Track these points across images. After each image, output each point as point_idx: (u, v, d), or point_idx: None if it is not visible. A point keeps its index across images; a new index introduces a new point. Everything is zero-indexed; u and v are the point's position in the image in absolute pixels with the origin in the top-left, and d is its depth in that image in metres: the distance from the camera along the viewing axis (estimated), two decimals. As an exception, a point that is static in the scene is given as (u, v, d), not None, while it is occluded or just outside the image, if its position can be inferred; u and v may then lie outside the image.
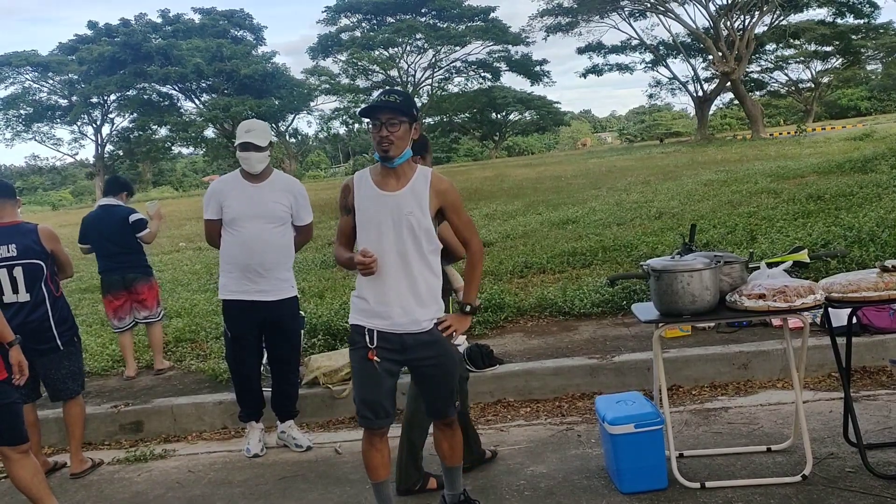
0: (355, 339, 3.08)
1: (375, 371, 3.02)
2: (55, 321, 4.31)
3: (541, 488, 3.60)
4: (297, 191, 4.45)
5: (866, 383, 4.47)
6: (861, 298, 3.26)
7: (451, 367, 3.16)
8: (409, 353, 3.05)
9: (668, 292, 3.35)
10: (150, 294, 6.01)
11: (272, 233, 4.29)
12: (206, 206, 4.35)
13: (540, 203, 14.19)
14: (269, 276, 4.29)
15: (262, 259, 4.25)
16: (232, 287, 4.30)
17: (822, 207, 8.90)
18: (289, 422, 4.61)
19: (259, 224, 4.25)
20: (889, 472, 3.31)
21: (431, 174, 3.10)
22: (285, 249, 4.38)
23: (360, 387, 3.09)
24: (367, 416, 3.08)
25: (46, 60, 45.37)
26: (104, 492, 4.23)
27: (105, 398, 5.45)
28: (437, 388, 3.14)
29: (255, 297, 4.28)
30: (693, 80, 41.85)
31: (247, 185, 4.31)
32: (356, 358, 3.08)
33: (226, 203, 4.27)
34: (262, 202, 4.28)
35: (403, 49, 48.87)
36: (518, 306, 6.43)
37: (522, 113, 57.85)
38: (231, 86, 46.03)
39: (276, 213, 4.31)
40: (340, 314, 6.30)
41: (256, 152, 4.25)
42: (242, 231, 4.24)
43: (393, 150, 2.96)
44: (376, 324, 3.03)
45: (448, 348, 3.13)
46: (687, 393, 4.72)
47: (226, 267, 4.34)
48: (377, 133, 2.96)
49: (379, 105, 2.97)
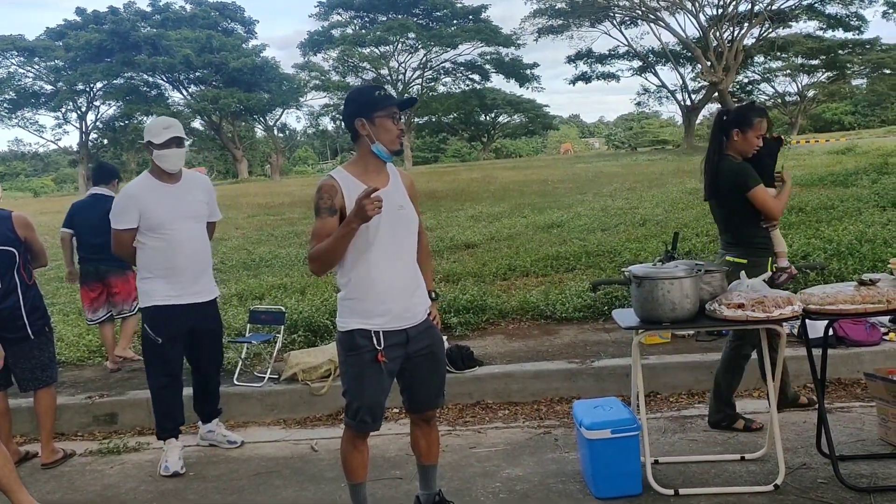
0: (359, 344, 2.96)
1: (381, 373, 2.98)
2: (26, 310, 4.26)
3: (516, 491, 3.60)
4: (209, 187, 4.40)
5: (841, 395, 4.51)
6: (838, 311, 3.29)
7: (443, 353, 3.22)
8: (411, 345, 3.04)
9: (648, 299, 3.36)
10: (125, 288, 5.91)
11: (199, 233, 4.24)
12: (122, 215, 4.09)
13: (526, 206, 14.22)
14: (202, 278, 4.23)
15: (194, 260, 4.17)
16: (164, 292, 4.11)
17: (803, 219, 8.99)
18: (215, 420, 4.54)
19: (187, 225, 4.15)
20: (860, 484, 3.33)
21: (396, 169, 3.16)
22: (209, 248, 4.33)
23: (362, 391, 3.00)
24: (366, 421, 3.02)
25: (33, 45, 44.94)
26: (75, 483, 4.19)
27: (80, 389, 5.40)
28: (432, 376, 3.13)
29: (189, 301, 4.16)
30: (681, 89, 42.17)
31: (165, 187, 4.14)
32: (359, 363, 2.98)
33: (146, 208, 4.07)
34: (184, 202, 4.16)
35: (395, 48, 48.83)
36: (500, 308, 6.43)
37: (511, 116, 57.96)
38: (220, 78, 45.77)
39: (200, 211, 4.25)
40: (322, 311, 6.28)
41: (179, 148, 4.12)
42: (170, 234, 4.08)
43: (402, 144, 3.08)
44: (381, 323, 2.97)
45: (439, 334, 3.19)
46: (665, 400, 4.74)
47: (151, 273, 4.13)
48: (396, 126, 2.98)
49: (395, 100, 3.00)
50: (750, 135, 3.94)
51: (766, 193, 3.92)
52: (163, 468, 4.17)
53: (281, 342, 5.61)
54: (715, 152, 4.05)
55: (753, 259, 3.94)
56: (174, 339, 4.19)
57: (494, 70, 50.81)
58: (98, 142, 49.10)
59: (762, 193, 3.91)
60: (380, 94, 2.98)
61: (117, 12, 45.70)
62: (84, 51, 42.99)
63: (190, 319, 4.19)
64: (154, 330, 4.16)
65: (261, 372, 5.30)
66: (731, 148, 4.00)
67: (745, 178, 3.92)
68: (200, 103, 44.91)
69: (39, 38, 46.09)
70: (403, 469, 3.93)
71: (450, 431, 4.48)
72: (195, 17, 47.90)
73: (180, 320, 4.16)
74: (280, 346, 5.56)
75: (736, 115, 4.03)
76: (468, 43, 48.75)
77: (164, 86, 48.03)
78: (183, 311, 4.15)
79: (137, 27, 44.64)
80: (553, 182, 20.37)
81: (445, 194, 18.68)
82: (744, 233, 4.02)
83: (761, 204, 3.92)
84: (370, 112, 2.94)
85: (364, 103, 2.97)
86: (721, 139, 4.03)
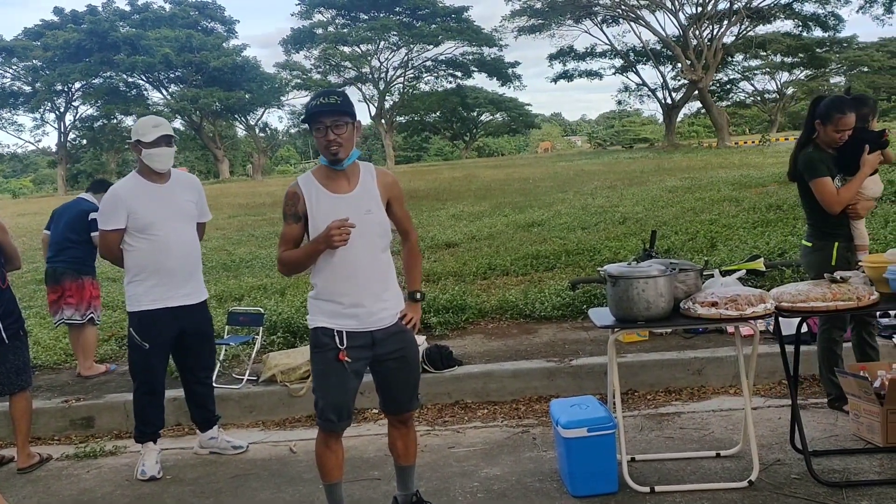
0: (322, 342, 3.01)
1: (345, 372, 3.00)
2: (0, 314, 4.21)
3: (494, 490, 3.61)
4: (198, 187, 4.33)
5: (815, 391, 4.56)
6: (809, 308, 3.33)
7: (415, 357, 3.21)
8: (378, 348, 3.04)
9: (623, 298, 3.38)
10: (78, 293, 5.68)
11: (189, 233, 4.16)
12: (110, 215, 4.01)
13: (507, 205, 14.25)
14: (192, 279, 4.16)
15: (185, 261, 4.10)
16: (153, 295, 4.03)
17: (780, 217, 9.08)
18: (215, 427, 4.47)
19: (177, 225, 4.08)
20: (833, 479, 3.38)
21: (375, 169, 3.13)
22: (199, 249, 4.26)
23: (326, 389, 3.03)
24: (331, 420, 3.04)
25: (11, 45, 44.46)
26: (51, 488, 4.15)
27: (56, 392, 5.35)
28: (403, 379, 3.14)
29: (180, 303, 4.08)
30: (662, 87, 42.42)
31: (154, 187, 4.07)
32: (323, 360, 3.02)
33: (134, 209, 3.99)
34: (174, 202, 4.09)
35: (377, 46, 48.74)
36: (480, 308, 6.44)
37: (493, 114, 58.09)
38: (200, 77, 45.48)
39: (189, 211, 4.18)
40: (301, 312, 6.26)
41: (168, 147, 4.05)
42: (159, 235, 4.01)
43: (342, 153, 2.95)
44: (345, 324, 2.99)
45: (412, 338, 3.17)
46: (642, 397, 4.77)
47: (139, 276, 4.04)
48: (323, 137, 2.92)
49: (322, 109, 2.92)
50: (829, 128, 4.01)
51: (824, 186, 3.99)
52: (139, 472, 4.13)
53: (259, 343, 5.59)
54: (802, 139, 4.21)
55: (819, 243, 4.12)
56: (161, 344, 4.12)
57: (476, 69, 50.87)
58: (77, 142, 48.69)
59: (821, 186, 3.99)
60: (312, 104, 2.95)
61: (96, 12, 45.31)
62: (62, 50, 42.58)
63: (179, 322, 4.12)
64: (141, 335, 4.08)
65: (239, 373, 5.27)
66: (819, 137, 4.09)
67: (810, 169, 4.03)
68: (180, 103, 44.62)
69: (17, 38, 45.55)
70: (382, 470, 3.93)
71: (429, 431, 4.48)
72: (175, 16, 47.56)
73: (169, 324, 4.09)
74: (259, 347, 5.54)
75: (821, 106, 4.06)
76: (450, 42, 48.80)
77: (144, 85, 47.77)
78: (172, 314, 4.08)
79: (116, 27, 44.28)
80: (534, 180, 20.44)
81: (427, 193, 18.69)
82: (815, 217, 4.15)
83: (819, 196, 4.01)
84: (309, 124, 2.96)
85: (305, 116, 2.99)
86: (811, 127, 4.13)
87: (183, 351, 4.27)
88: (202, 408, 4.41)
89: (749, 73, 50.63)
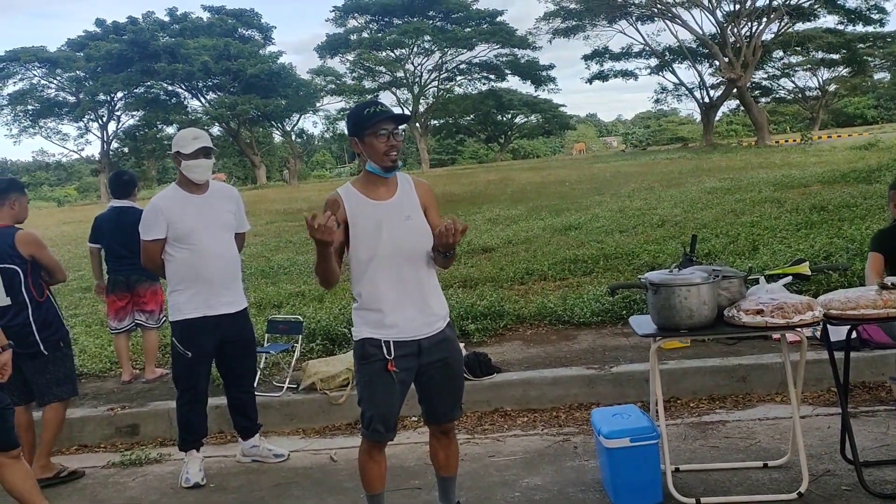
0: (369, 353, 3.00)
1: (392, 383, 3.00)
2: (37, 326, 4.27)
3: (535, 500, 3.58)
4: (237, 197, 4.39)
5: (865, 399, 4.44)
6: (860, 316, 3.24)
7: (459, 365, 3.20)
8: (424, 357, 3.04)
9: (665, 306, 3.33)
10: (153, 298, 5.96)
11: (228, 243, 4.24)
12: (151, 226, 4.12)
13: (543, 208, 14.17)
14: (232, 288, 4.23)
15: (224, 271, 4.17)
16: (194, 304, 4.11)
17: (825, 218, 8.86)
18: (257, 435, 4.51)
19: (216, 235, 4.16)
20: (885, 490, 3.28)
21: (410, 177, 3.16)
22: (238, 258, 4.34)
23: (374, 401, 3.03)
24: (379, 430, 3.04)
25: (55, 56, 45.57)
26: (97, 496, 4.22)
27: (102, 400, 5.45)
28: (447, 388, 3.13)
29: (220, 311, 4.15)
30: (699, 86, 41.82)
31: (192, 198, 4.16)
32: (370, 372, 3.01)
33: (174, 219, 4.09)
34: (212, 213, 4.18)
35: (410, 50, 48.94)
36: (518, 314, 6.41)
37: (528, 116, 57.86)
38: (237, 85, 46.14)
39: (228, 221, 4.26)
40: (340, 319, 6.29)
41: (207, 159, 4.15)
42: (199, 245, 4.09)
43: (399, 159, 3.03)
44: (392, 334, 2.99)
45: (457, 345, 3.17)
46: (685, 405, 4.69)
47: (180, 285, 4.14)
48: (385, 143, 2.96)
49: (388, 115, 2.97)
50: None
51: None
52: (184, 480, 4.19)
53: (299, 351, 5.63)
54: None
55: None
56: (203, 353, 4.19)
57: (510, 72, 50.77)
58: (119, 151, 49.70)
59: None
60: (369, 111, 2.98)
61: (136, 22, 46.20)
62: (104, 61, 43.51)
63: (220, 331, 4.19)
64: (183, 344, 4.16)
65: (279, 381, 5.32)
66: None
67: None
68: (218, 110, 45.28)
69: (61, 49, 46.72)
70: (422, 479, 3.92)
71: (468, 440, 4.46)
72: (213, 25, 48.34)
73: (211, 333, 4.17)
74: (298, 355, 5.58)
75: None
76: (484, 44, 48.80)
77: (183, 94, 48.54)
78: (214, 322, 4.15)
79: (156, 37, 45.10)
80: (571, 183, 20.30)
81: (463, 197, 18.67)
82: None
83: None
84: (361, 131, 2.98)
85: (355, 123, 3.01)
86: None
87: (225, 359, 4.34)
88: (244, 416, 4.46)
89: (789, 70, 49.69)
